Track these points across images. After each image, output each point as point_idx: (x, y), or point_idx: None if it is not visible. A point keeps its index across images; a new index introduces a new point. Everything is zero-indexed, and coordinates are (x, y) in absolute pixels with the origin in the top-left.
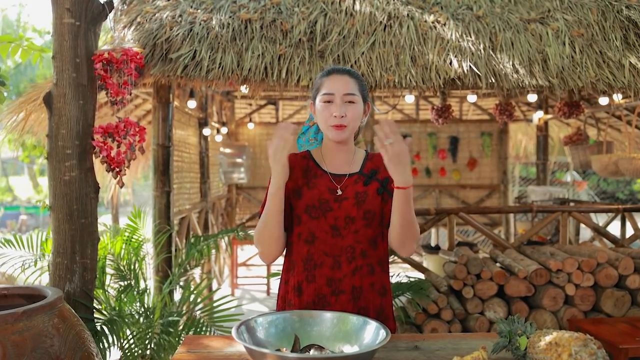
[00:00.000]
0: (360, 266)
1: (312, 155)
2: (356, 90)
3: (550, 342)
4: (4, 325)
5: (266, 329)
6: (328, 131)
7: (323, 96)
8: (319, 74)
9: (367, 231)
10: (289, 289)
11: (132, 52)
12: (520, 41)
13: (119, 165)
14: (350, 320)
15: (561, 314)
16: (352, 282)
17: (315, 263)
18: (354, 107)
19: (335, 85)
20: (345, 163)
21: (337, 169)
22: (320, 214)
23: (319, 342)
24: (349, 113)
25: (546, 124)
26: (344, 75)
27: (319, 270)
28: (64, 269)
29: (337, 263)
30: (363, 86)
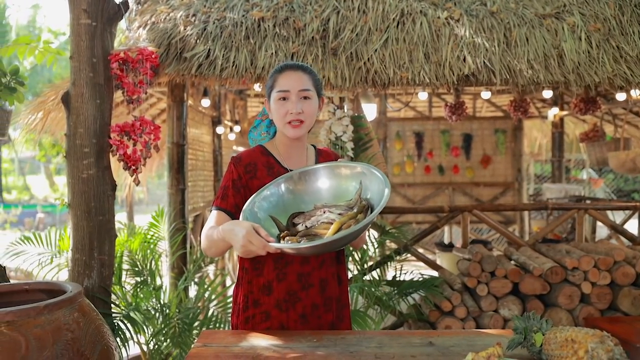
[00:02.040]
0: (325, 259)
1: (269, 151)
2: (310, 86)
3: (567, 338)
4: (26, 319)
5: (266, 210)
6: (284, 129)
7: (278, 93)
8: (272, 70)
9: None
10: (254, 289)
11: (148, 52)
12: (536, 37)
13: (135, 163)
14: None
15: (577, 312)
16: (319, 274)
17: (287, 260)
18: (310, 102)
19: (290, 81)
20: (301, 158)
21: (295, 165)
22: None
23: (318, 200)
24: (305, 109)
25: (562, 120)
26: (297, 72)
27: (290, 267)
28: (82, 265)
29: (306, 258)
30: (317, 81)
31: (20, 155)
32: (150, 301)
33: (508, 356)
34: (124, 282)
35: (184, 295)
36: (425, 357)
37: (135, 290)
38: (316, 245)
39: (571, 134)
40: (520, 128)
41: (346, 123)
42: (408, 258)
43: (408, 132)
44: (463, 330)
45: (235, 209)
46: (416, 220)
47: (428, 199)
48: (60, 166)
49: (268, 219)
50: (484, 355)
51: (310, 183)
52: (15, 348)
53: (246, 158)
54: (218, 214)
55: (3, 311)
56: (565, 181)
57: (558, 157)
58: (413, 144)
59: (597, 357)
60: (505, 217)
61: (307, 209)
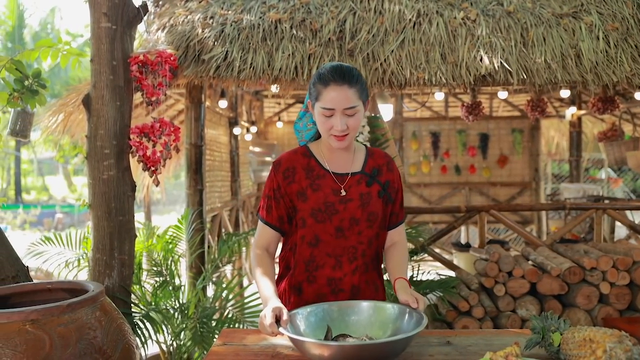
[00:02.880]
0: (359, 265)
1: (312, 153)
2: (356, 100)
3: (585, 338)
4: (50, 317)
5: (306, 319)
6: (329, 139)
7: (322, 110)
8: (316, 76)
9: (369, 232)
10: (287, 287)
11: (166, 54)
12: (553, 36)
13: (155, 164)
14: (386, 309)
15: (595, 312)
16: (351, 280)
17: (318, 264)
18: (355, 117)
19: (335, 100)
20: (346, 161)
21: (339, 168)
22: (326, 217)
23: (357, 330)
24: (350, 124)
25: (579, 119)
26: (343, 87)
27: (321, 271)
28: (103, 265)
29: (338, 263)
30: (362, 89)
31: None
32: (170, 301)
33: (526, 356)
34: (144, 281)
35: (202, 295)
36: (442, 356)
37: (155, 290)
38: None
39: (589, 133)
40: (538, 127)
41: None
42: (425, 258)
43: (424, 132)
44: (480, 330)
45: (279, 222)
46: (433, 220)
47: (444, 199)
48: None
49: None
50: (501, 354)
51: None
52: (39, 346)
53: (285, 162)
54: (263, 228)
55: (27, 310)
56: (584, 181)
57: (576, 157)
58: (429, 144)
59: (615, 357)
60: (523, 217)
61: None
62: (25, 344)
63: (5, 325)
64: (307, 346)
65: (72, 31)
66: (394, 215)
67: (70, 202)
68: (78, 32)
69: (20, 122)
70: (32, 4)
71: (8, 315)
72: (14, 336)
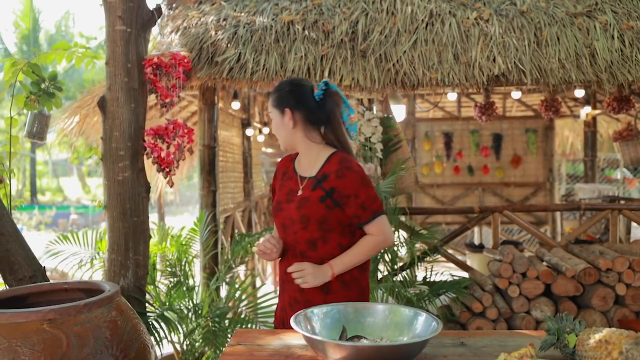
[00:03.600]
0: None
1: (297, 157)
2: (270, 107)
3: (600, 339)
4: (67, 317)
5: (322, 320)
6: None
7: None
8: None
9: (304, 234)
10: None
11: (180, 56)
12: (567, 36)
13: (169, 166)
14: (401, 311)
15: (611, 314)
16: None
17: (284, 251)
18: (272, 122)
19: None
20: (309, 165)
21: (305, 171)
22: (276, 213)
23: (372, 332)
24: (271, 128)
25: (594, 119)
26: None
27: (284, 258)
28: (118, 265)
29: (287, 256)
30: (276, 98)
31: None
32: (184, 301)
33: (541, 357)
34: (158, 282)
35: (215, 295)
36: (457, 357)
37: (169, 290)
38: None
39: (604, 133)
40: (552, 127)
41: (375, 124)
42: (438, 259)
43: (437, 133)
44: (495, 331)
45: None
46: (445, 220)
47: (457, 200)
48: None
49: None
50: (516, 355)
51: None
52: (56, 345)
53: (278, 164)
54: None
55: (45, 309)
56: (599, 181)
57: (591, 157)
58: (442, 144)
59: (632, 359)
60: (537, 218)
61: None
62: (43, 343)
63: (23, 324)
64: (323, 346)
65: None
66: (355, 217)
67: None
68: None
69: (37, 124)
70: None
71: (26, 315)
72: (32, 335)
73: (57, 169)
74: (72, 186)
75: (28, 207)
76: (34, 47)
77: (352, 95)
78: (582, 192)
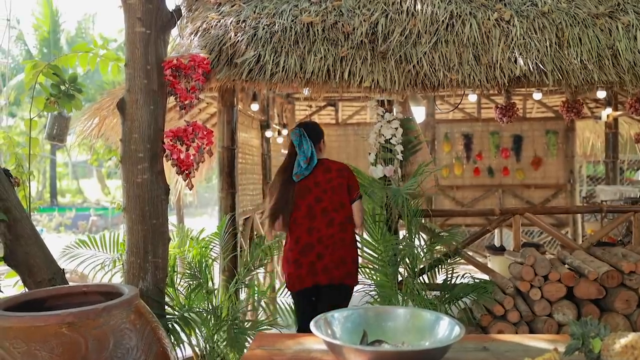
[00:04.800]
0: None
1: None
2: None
3: (626, 344)
4: (85, 320)
5: (342, 324)
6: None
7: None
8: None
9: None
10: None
11: (200, 58)
12: (589, 36)
13: (189, 168)
14: (423, 315)
15: (635, 317)
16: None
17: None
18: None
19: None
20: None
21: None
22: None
23: (393, 336)
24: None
25: (616, 120)
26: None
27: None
28: (137, 268)
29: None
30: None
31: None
32: (203, 303)
33: None
34: (178, 284)
35: (234, 298)
36: None
37: (188, 292)
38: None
39: (625, 134)
40: (573, 129)
41: (395, 126)
42: (459, 261)
43: (457, 134)
44: (517, 335)
45: None
46: (465, 222)
47: (477, 202)
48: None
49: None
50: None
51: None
52: (75, 349)
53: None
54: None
55: (64, 313)
56: (621, 183)
57: (612, 158)
58: (462, 145)
59: None
60: (558, 220)
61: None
62: (62, 346)
63: (42, 328)
64: (343, 351)
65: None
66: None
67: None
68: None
69: (56, 126)
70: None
71: (45, 319)
72: (51, 339)
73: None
74: (91, 188)
75: (48, 209)
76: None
77: (372, 96)
78: (604, 193)
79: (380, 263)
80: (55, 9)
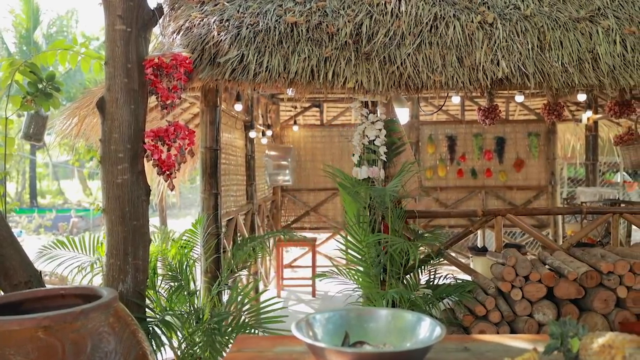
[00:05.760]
0: None
1: None
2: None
3: (604, 344)
4: (62, 324)
5: (324, 325)
6: None
7: None
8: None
9: None
10: None
11: (182, 57)
12: (570, 40)
13: (170, 168)
14: (404, 317)
15: (613, 316)
16: None
17: None
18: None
19: None
20: None
21: None
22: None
23: (375, 337)
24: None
25: (596, 123)
26: None
27: None
28: (117, 270)
29: None
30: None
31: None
32: (185, 306)
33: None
34: (159, 286)
35: (217, 300)
36: None
37: (170, 295)
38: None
39: (605, 136)
40: (554, 131)
41: (379, 127)
42: (441, 262)
43: (440, 136)
44: (498, 335)
45: None
46: (449, 223)
47: (461, 203)
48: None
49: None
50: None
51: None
52: (52, 353)
53: None
54: None
55: (40, 316)
56: (600, 185)
57: (592, 161)
58: (445, 147)
59: None
60: (539, 221)
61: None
62: (38, 350)
63: (18, 332)
64: (325, 353)
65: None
66: None
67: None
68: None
69: (34, 125)
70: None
71: (20, 322)
72: (26, 343)
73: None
74: (73, 189)
75: (28, 210)
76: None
77: (356, 97)
78: (584, 195)
79: (364, 264)
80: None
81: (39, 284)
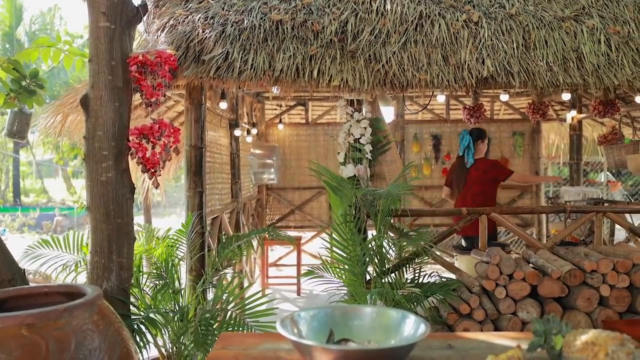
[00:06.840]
0: None
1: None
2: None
3: (587, 341)
4: (46, 321)
5: (309, 323)
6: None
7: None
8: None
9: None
10: None
11: (166, 54)
12: (555, 39)
13: (154, 166)
14: (389, 314)
15: (596, 315)
16: None
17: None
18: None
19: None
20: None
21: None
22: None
23: (359, 335)
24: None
25: (580, 123)
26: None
27: None
28: (101, 268)
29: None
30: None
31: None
32: (169, 304)
33: (528, 359)
34: (144, 285)
35: (202, 298)
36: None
37: (155, 293)
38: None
39: (589, 136)
40: (539, 131)
41: (364, 125)
42: (426, 260)
43: (426, 135)
44: (482, 333)
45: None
46: (434, 222)
47: (445, 202)
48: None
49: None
50: (504, 357)
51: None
52: (35, 351)
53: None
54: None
55: (23, 314)
56: (584, 184)
57: (576, 160)
58: (430, 146)
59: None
60: (523, 220)
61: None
62: (21, 348)
63: (1, 329)
64: (309, 350)
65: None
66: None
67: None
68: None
69: (17, 123)
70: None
71: (3, 320)
72: (9, 341)
73: (41, 169)
74: (57, 187)
75: (11, 209)
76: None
77: (341, 95)
78: (568, 194)
79: (349, 262)
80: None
81: (23, 282)
